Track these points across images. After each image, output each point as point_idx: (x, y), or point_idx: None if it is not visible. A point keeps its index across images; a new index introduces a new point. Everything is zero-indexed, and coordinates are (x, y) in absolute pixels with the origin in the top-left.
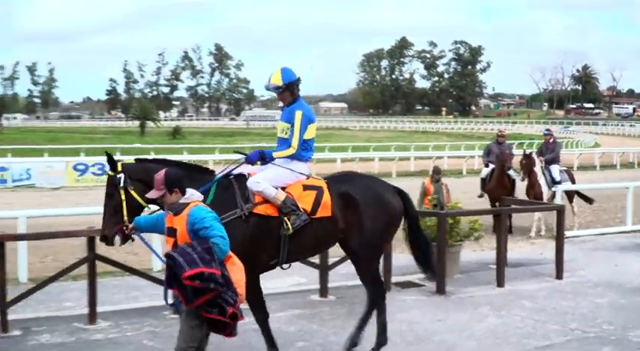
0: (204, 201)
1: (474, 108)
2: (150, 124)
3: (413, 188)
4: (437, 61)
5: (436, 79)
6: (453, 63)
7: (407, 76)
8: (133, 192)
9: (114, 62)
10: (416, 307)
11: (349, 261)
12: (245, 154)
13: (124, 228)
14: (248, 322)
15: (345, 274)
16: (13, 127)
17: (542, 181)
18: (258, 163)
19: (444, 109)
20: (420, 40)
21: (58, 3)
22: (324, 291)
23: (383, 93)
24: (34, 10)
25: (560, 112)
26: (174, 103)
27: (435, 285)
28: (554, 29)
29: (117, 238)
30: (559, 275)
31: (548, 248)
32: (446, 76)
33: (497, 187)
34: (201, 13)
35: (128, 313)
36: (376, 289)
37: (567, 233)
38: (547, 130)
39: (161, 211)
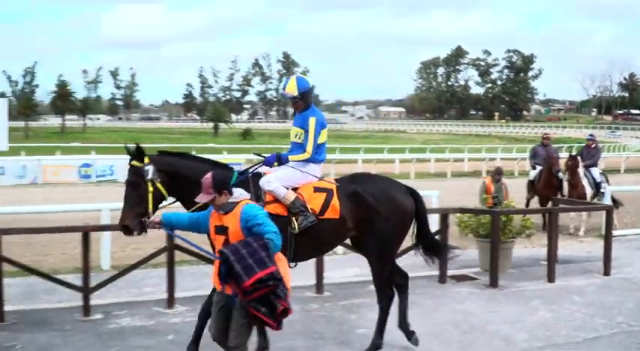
0: None
1: (525, 113)
2: (223, 125)
3: (466, 188)
4: (490, 69)
5: (490, 85)
6: (505, 70)
7: (462, 82)
8: (159, 184)
9: (190, 68)
10: (470, 299)
11: (408, 254)
12: (264, 157)
13: (146, 219)
14: None
15: (404, 267)
16: (96, 127)
17: (585, 182)
18: (275, 164)
19: (496, 114)
20: (474, 48)
21: (141, 13)
22: None
23: (439, 98)
24: (118, 20)
25: (609, 118)
26: (245, 106)
27: (488, 278)
28: (602, 38)
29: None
30: (607, 272)
31: (596, 246)
32: (499, 82)
33: (545, 187)
34: (271, 24)
35: (204, 298)
36: (387, 291)
37: (614, 232)
38: (590, 135)
39: (196, 211)
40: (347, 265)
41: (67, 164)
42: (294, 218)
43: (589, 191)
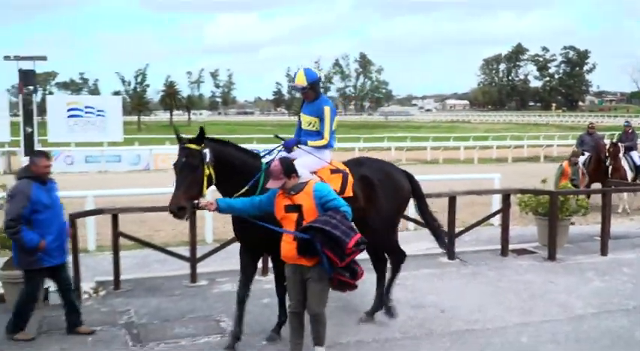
0: (257, 184)
1: (580, 104)
2: None
3: (526, 171)
4: (548, 64)
5: (547, 79)
6: (562, 65)
7: (521, 77)
8: (212, 169)
9: (279, 69)
10: (530, 271)
11: (473, 230)
12: (282, 139)
13: (197, 202)
14: None
15: (469, 241)
16: (199, 121)
17: (625, 165)
18: (295, 148)
19: (553, 105)
20: (533, 46)
21: (237, 22)
22: (451, 255)
23: (500, 92)
24: (218, 28)
25: None
26: None
27: (546, 252)
28: None
29: None
30: None
31: None
32: (556, 76)
33: (595, 171)
34: (351, 28)
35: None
36: (397, 255)
37: None
38: (626, 121)
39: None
40: (418, 240)
41: (174, 153)
42: None
43: (630, 174)
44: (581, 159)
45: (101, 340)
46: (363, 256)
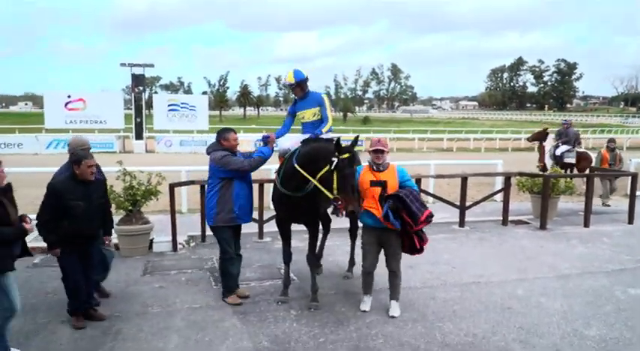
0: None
1: (568, 105)
2: (349, 114)
3: (523, 159)
4: (543, 73)
5: (542, 85)
6: (554, 74)
7: (521, 83)
8: None
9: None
10: (525, 238)
11: (480, 204)
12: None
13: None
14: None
15: (476, 213)
16: (266, 115)
17: (546, 155)
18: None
19: (546, 106)
20: (532, 58)
21: (299, 39)
22: (462, 223)
23: (503, 95)
24: (283, 44)
25: (633, 109)
26: (364, 101)
27: (539, 223)
28: (632, 49)
29: None
30: (630, 221)
31: (622, 203)
32: (549, 83)
33: (580, 160)
34: (387, 43)
35: (339, 230)
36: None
37: (638, 193)
38: (564, 120)
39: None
40: (435, 211)
41: (247, 139)
42: None
43: (549, 162)
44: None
45: (191, 280)
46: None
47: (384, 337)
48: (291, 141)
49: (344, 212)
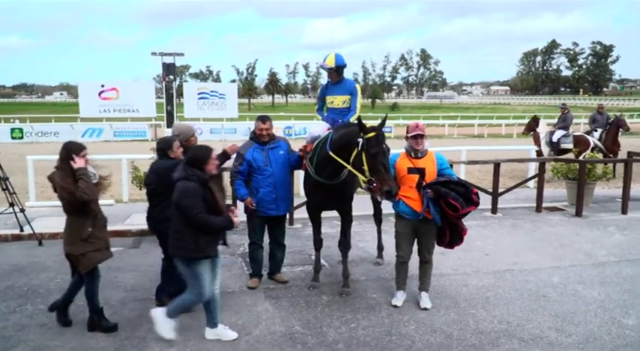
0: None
1: (604, 89)
2: (378, 101)
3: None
4: (578, 56)
5: (576, 69)
6: (590, 57)
7: (554, 67)
8: None
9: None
10: (560, 225)
11: (512, 191)
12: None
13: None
14: None
15: (509, 200)
16: (294, 103)
17: (542, 141)
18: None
19: (581, 90)
20: (566, 41)
21: (328, 25)
22: (494, 210)
23: (536, 79)
24: (313, 30)
25: None
26: (393, 87)
27: (574, 210)
28: None
29: None
30: None
31: None
32: (584, 66)
33: (613, 144)
34: (417, 28)
35: (363, 218)
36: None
37: None
38: (562, 104)
39: None
40: None
41: (275, 126)
42: None
43: (545, 149)
44: (596, 135)
45: (224, 265)
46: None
47: (416, 323)
48: (321, 127)
49: (382, 195)
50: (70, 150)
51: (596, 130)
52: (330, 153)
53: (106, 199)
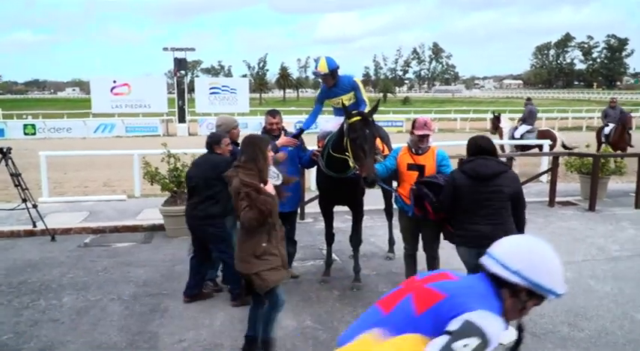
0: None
1: (618, 83)
2: (390, 95)
3: (570, 138)
4: (592, 50)
5: (590, 62)
6: (604, 51)
7: (568, 61)
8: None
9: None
10: (573, 219)
11: (525, 185)
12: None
13: None
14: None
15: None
16: (305, 97)
17: (505, 136)
18: None
19: (595, 84)
20: (580, 34)
21: (340, 20)
22: None
23: (549, 73)
24: (325, 24)
25: None
26: (405, 81)
27: (587, 204)
28: None
29: None
30: None
31: None
32: (598, 60)
33: (619, 140)
34: (430, 22)
35: (374, 211)
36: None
37: None
38: (527, 98)
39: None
40: None
41: (286, 121)
42: None
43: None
44: (606, 130)
45: None
46: None
47: None
48: (332, 123)
49: (366, 181)
50: (260, 145)
51: (607, 125)
52: (330, 151)
53: (119, 194)
